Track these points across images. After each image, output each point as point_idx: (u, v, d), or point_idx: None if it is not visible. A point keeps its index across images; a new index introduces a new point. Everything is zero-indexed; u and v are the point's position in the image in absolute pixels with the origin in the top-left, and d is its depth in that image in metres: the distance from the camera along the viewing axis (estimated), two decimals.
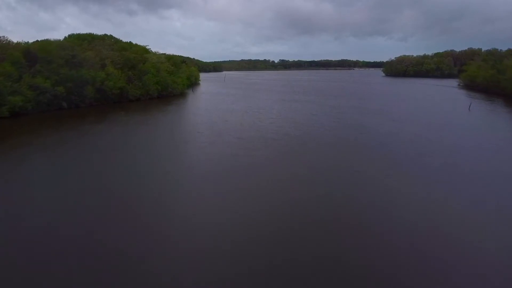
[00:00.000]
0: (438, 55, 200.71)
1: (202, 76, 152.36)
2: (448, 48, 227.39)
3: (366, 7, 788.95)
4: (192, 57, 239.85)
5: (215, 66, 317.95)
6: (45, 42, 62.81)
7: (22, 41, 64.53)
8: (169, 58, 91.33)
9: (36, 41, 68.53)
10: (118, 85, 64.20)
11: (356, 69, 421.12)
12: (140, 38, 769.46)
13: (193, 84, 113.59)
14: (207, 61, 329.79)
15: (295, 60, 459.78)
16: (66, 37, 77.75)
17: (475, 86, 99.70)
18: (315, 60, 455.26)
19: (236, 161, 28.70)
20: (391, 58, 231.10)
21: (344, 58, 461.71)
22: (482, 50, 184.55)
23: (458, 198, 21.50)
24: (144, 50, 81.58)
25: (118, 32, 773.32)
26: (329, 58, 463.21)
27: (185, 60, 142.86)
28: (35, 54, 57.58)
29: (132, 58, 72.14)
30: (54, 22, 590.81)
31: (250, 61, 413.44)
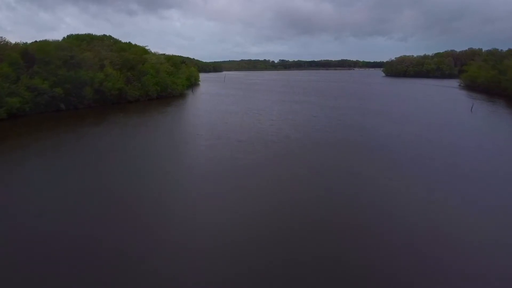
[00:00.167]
0: (439, 55, 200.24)
1: (202, 76, 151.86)
2: (448, 48, 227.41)
3: (366, 7, 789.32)
4: (192, 57, 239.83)
5: (215, 66, 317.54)
6: (43, 43, 62.33)
7: (20, 41, 64.18)
8: (168, 58, 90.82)
9: (34, 41, 68.13)
10: (117, 86, 63.67)
11: (356, 69, 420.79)
12: (140, 38, 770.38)
13: (192, 84, 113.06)
14: (207, 61, 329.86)
15: (295, 60, 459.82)
16: (64, 37, 77.30)
17: (476, 87, 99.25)
18: (315, 60, 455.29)
19: (235, 164, 28.31)
20: (391, 58, 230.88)
21: (344, 58, 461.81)
22: (483, 50, 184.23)
23: (459, 199, 21.40)
24: (143, 50, 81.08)
25: (117, 32, 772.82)
26: (329, 58, 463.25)
27: (184, 60, 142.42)
28: (33, 55, 57.08)
29: (131, 58, 71.63)
30: (54, 22, 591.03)
31: (250, 61, 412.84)
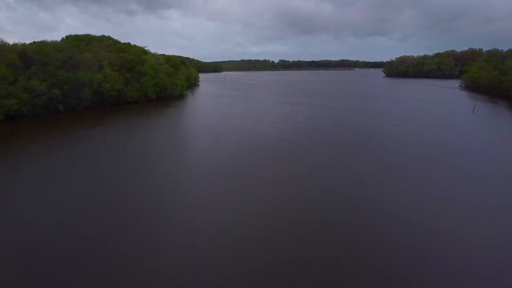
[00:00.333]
0: (439, 56, 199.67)
1: (202, 76, 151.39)
2: (448, 48, 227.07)
3: (366, 7, 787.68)
4: (192, 57, 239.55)
5: (215, 67, 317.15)
6: (41, 44, 61.87)
7: (19, 42, 63.78)
8: (168, 59, 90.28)
9: (33, 42, 67.77)
10: (116, 87, 63.14)
11: (356, 69, 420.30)
12: (140, 38, 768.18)
13: (192, 85, 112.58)
14: (207, 61, 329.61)
15: (295, 60, 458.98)
16: (63, 38, 76.84)
17: (477, 87, 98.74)
18: (315, 60, 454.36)
19: (235, 166, 27.98)
20: (392, 58, 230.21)
21: (344, 58, 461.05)
22: (483, 50, 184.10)
23: (460, 200, 21.52)
24: (142, 51, 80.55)
25: (117, 32, 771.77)
26: (329, 58, 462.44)
27: (184, 60, 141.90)
28: (31, 56, 56.58)
29: (130, 59, 71.13)
30: (54, 22, 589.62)
31: (250, 61, 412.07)
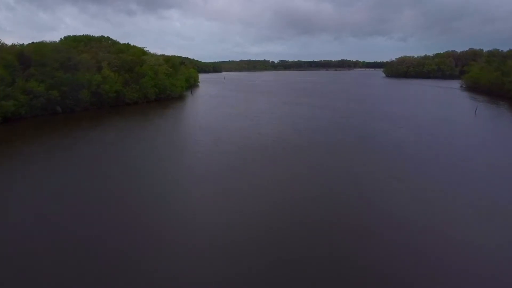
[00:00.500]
0: (439, 56, 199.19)
1: (202, 77, 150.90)
2: (448, 48, 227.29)
3: (366, 7, 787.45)
4: (192, 57, 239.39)
5: (215, 67, 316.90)
6: (39, 45, 61.36)
7: (17, 43, 63.42)
8: (167, 59, 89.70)
9: (31, 43, 67.25)
10: (115, 88, 62.57)
11: (356, 69, 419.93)
12: (140, 38, 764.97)
13: (192, 86, 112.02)
14: (207, 61, 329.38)
15: (295, 60, 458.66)
16: (62, 39, 76.31)
17: (478, 88, 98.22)
18: (315, 60, 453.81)
19: (235, 169, 27.58)
20: (392, 58, 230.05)
21: (344, 58, 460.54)
22: (484, 50, 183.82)
23: (460, 201, 21.66)
24: (141, 52, 79.98)
25: (117, 32, 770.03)
26: (329, 58, 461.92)
27: (183, 61, 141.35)
28: (29, 57, 56.05)
29: (129, 60, 70.57)
30: (54, 22, 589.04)
31: (249, 61, 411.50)
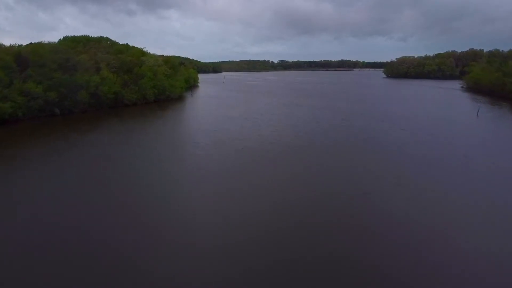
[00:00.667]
0: (440, 56, 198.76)
1: (201, 77, 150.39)
2: (448, 48, 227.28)
3: (366, 7, 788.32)
4: (191, 57, 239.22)
5: (215, 67, 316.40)
6: (37, 45, 60.77)
7: (15, 44, 62.73)
8: (166, 60, 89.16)
9: (29, 43, 66.58)
10: (113, 89, 61.92)
11: (356, 69, 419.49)
12: (139, 38, 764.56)
13: (191, 86, 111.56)
14: (207, 61, 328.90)
15: (295, 60, 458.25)
16: (60, 39, 75.70)
17: (480, 89, 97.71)
18: (315, 60, 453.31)
19: (235, 171, 27.19)
20: (392, 59, 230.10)
21: (344, 59, 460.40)
22: (484, 51, 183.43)
23: (462, 203, 21.82)
24: (140, 52, 79.34)
25: (117, 32, 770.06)
26: (328, 59, 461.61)
27: (183, 61, 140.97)
28: (27, 58, 55.45)
29: (128, 61, 69.98)
30: (53, 23, 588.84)
31: (249, 61, 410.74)
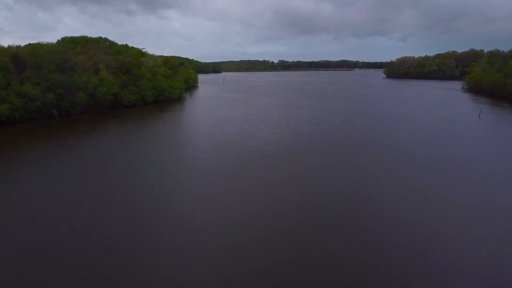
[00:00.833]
0: (440, 56, 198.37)
1: (201, 77, 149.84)
2: (448, 48, 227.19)
3: (366, 7, 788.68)
4: (191, 57, 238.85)
5: (214, 67, 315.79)
6: (35, 46, 60.16)
7: (14, 44, 62.22)
8: (166, 61, 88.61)
9: (27, 44, 65.97)
10: (112, 90, 61.33)
11: (356, 69, 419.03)
12: (139, 39, 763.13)
13: (191, 87, 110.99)
14: (207, 61, 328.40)
15: (295, 60, 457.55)
16: (59, 40, 75.16)
17: (480, 89, 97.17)
18: (315, 60, 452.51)
19: (235, 172, 26.92)
20: (392, 59, 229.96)
21: (343, 59, 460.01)
22: (484, 51, 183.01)
23: (462, 204, 22.05)
24: (139, 53, 78.78)
25: (117, 32, 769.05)
26: (328, 59, 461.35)
27: (183, 62, 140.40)
28: (25, 59, 54.91)
29: (127, 62, 69.41)
30: (53, 23, 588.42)
31: (249, 61, 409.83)
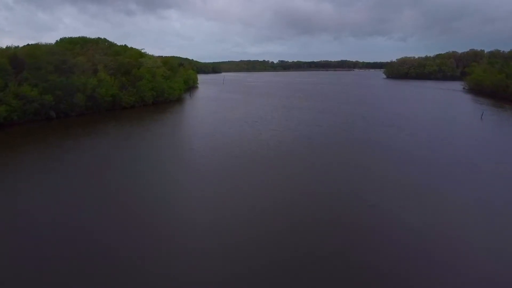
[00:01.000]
0: (440, 57, 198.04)
1: (201, 77, 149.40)
2: (448, 48, 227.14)
3: (366, 7, 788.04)
4: (191, 57, 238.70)
5: (214, 67, 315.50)
6: (33, 47, 59.72)
7: (12, 45, 61.67)
8: (165, 61, 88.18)
9: (26, 45, 65.50)
10: (111, 92, 60.79)
11: (356, 70, 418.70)
12: (139, 39, 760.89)
13: (190, 87, 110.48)
14: (207, 61, 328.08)
15: (294, 61, 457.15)
16: (57, 41, 74.67)
17: (481, 90, 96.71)
18: (315, 61, 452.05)
19: (235, 172, 26.88)
20: (392, 59, 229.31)
21: (343, 59, 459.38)
22: (485, 51, 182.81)
23: (462, 205, 22.16)
24: (139, 54, 78.27)
25: (117, 32, 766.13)
26: (328, 59, 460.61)
27: (182, 62, 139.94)
28: (23, 60, 54.43)
29: (126, 63, 68.91)
30: (53, 23, 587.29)
31: (249, 61, 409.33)
